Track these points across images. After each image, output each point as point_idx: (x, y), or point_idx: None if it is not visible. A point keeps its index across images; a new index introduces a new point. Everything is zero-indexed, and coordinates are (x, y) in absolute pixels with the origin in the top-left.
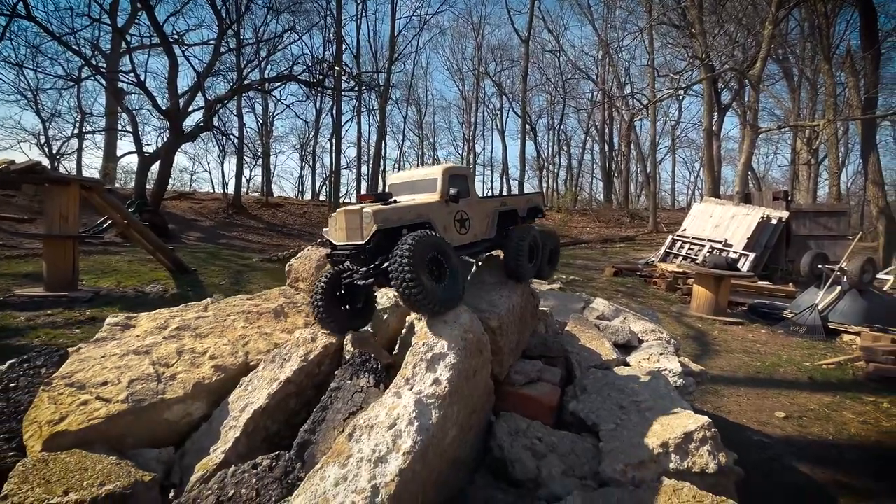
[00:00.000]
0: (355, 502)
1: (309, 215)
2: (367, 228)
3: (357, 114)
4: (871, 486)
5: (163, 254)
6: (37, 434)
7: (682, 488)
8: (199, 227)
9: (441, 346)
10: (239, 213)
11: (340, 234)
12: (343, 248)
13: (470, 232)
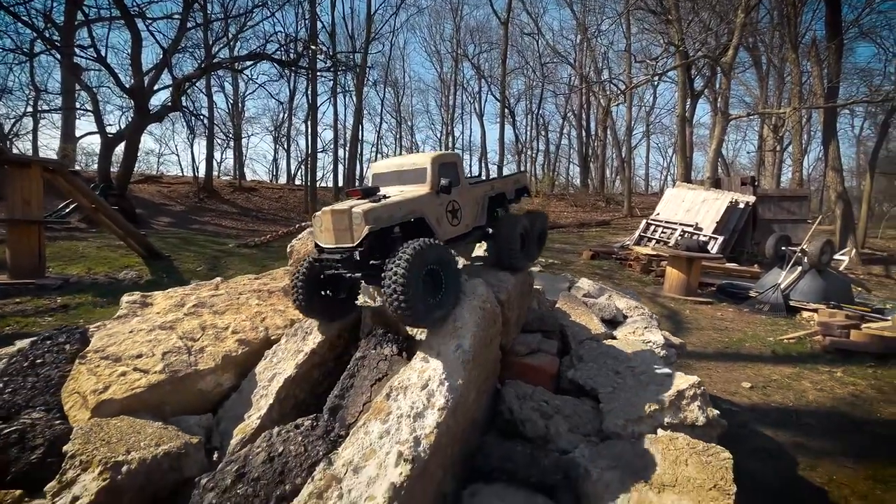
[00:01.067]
0: (401, 451)
1: (284, 200)
2: (358, 230)
3: (333, 95)
4: (826, 447)
5: (134, 239)
6: (78, 404)
7: (676, 438)
8: (168, 211)
9: (463, 317)
10: (211, 197)
11: (328, 237)
12: (332, 252)
13: (462, 222)
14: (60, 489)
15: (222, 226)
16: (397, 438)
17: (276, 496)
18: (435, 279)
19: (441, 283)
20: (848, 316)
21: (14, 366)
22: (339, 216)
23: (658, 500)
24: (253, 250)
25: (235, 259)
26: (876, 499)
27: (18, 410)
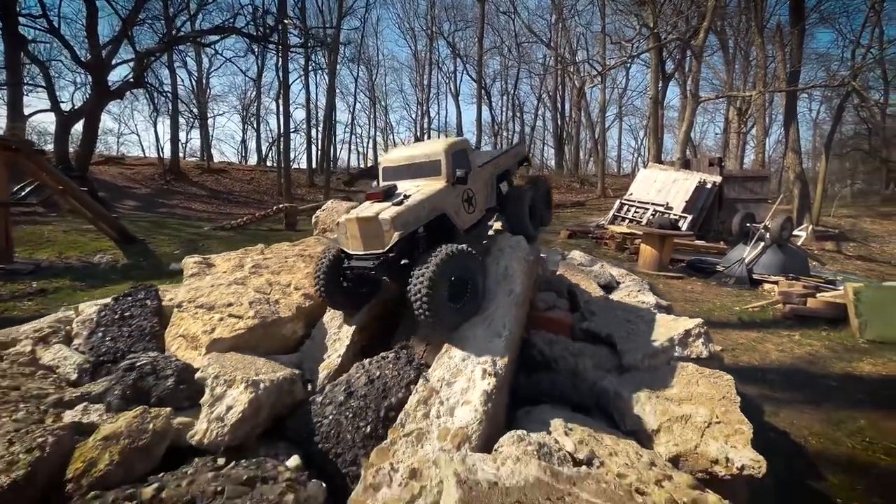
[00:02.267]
0: (484, 369)
1: (256, 182)
2: (388, 236)
3: (305, 73)
4: (787, 397)
5: (105, 222)
6: (184, 345)
7: (687, 366)
8: (133, 194)
9: (512, 266)
10: (178, 179)
11: (355, 243)
12: (362, 258)
13: (476, 208)
14: (214, 401)
15: (192, 209)
16: (477, 360)
17: (385, 406)
18: (460, 285)
19: (467, 289)
20: (805, 286)
21: (105, 319)
22: (366, 224)
23: (679, 409)
24: (230, 233)
25: (213, 242)
26: (828, 436)
27: (123, 355)
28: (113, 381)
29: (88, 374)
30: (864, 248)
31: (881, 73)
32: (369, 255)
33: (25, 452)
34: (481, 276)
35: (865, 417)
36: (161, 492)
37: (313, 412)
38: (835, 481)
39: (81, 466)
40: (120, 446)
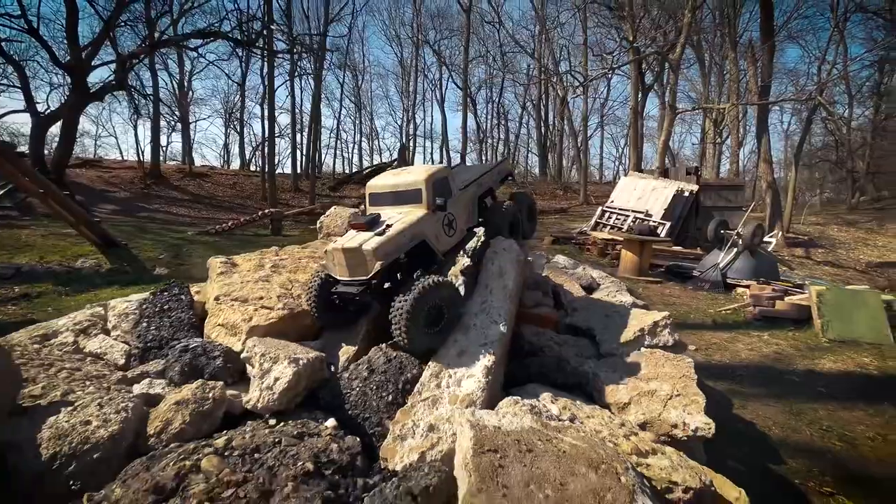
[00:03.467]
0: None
1: (240, 186)
2: (371, 265)
3: (291, 79)
4: (754, 391)
5: (87, 227)
6: (224, 332)
7: (655, 352)
8: (112, 198)
9: (506, 266)
10: (158, 183)
11: (342, 270)
12: (348, 284)
13: (457, 231)
14: (263, 374)
15: (173, 213)
16: (480, 341)
17: (402, 380)
18: (437, 313)
19: (443, 316)
20: (774, 290)
21: (147, 311)
22: (351, 254)
23: (646, 386)
24: (215, 238)
25: (198, 247)
26: (790, 426)
27: (167, 342)
28: (171, 360)
29: (137, 359)
30: (831, 254)
31: (845, 88)
32: (354, 282)
33: (115, 413)
34: (457, 302)
35: (823, 408)
36: (231, 442)
37: (342, 385)
38: (794, 465)
39: (160, 425)
40: (189, 409)
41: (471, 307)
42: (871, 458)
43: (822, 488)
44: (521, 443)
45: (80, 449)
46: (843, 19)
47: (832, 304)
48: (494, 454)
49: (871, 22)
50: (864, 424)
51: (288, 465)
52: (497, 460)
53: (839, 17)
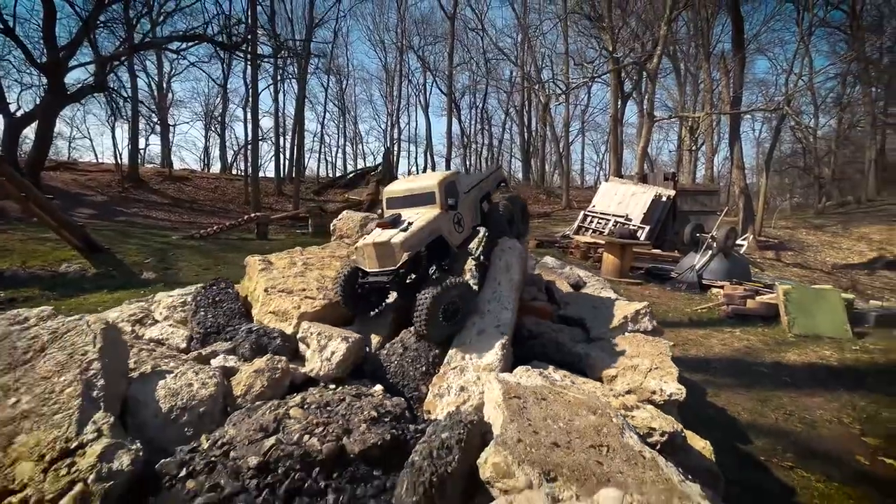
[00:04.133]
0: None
1: (222, 190)
2: (399, 256)
3: (274, 82)
4: (727, 382)
5: (70, 231)
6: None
7: (636, 335)
8: (88, 202)
9: (512, 261)
10: (137, 186)
11: (372, 263)
12: (377, 275)
13: (465, 228)
14: (321, 349)
15: (153, 217)
16: (494, 324)
17: (432, 355)
18: (453, 309)
19: (458, 311)
20: (746, 290)
21: (202, 302)
22: (381, 247)
23: (630, 362)
24: (200, 242)
25: (184, 251)
26: (757, 411)
27: (224, 328)
28: (239, 340)
29: (198, 342)
30: (800, 256)
31: (811, 98)
32: (383, 272)
33: (209, 378)
34: (470, 299)
35: (787, 396)
36: (305, 399)
37: (382, 360)
38: (760, 444)
39: (244, 388)
40: (265, 376)
41: (484, 296)
42: (828, 438)
43: (784, 463)
44: (536, 393)
45: (190, 404)
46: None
47: (797, 303)
48: (518, 399)
49: (834, 36)
50: (823, 409)
51: (357, 413)
52: (520, 403)
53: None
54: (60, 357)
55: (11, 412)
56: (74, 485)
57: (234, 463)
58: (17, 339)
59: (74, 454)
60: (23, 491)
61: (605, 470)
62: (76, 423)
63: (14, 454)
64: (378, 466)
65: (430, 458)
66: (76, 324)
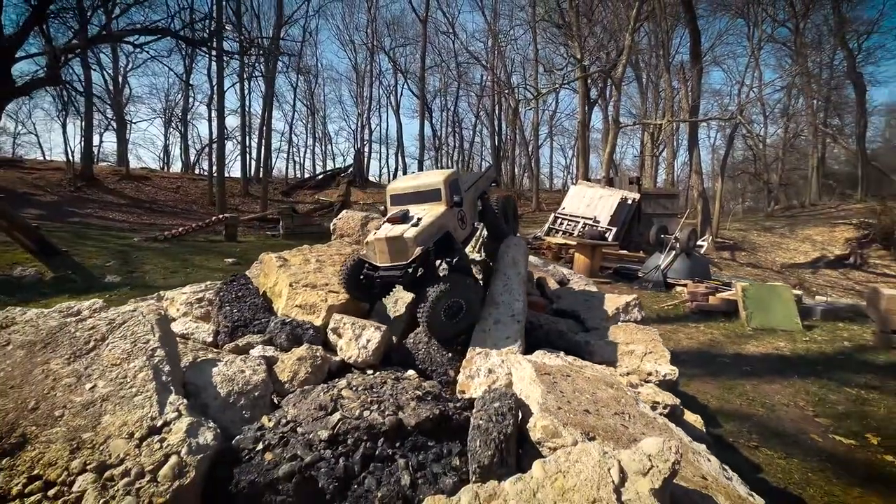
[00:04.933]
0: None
1: (184, 190)
2: (411, 251)
3: (241, 80)
4: (695, 372)
5: (23, 233)
6: (301, 312)
7: (629, 325)
8: (36, 202)
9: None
10: (91, 186)
11: (384, 258)
12: (388, 269)
13: (467, 224)
14: (356, 337)
15: (110, 219)
16: (509, 313)
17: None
18: (457, 307)
19: (462, 310)
20: (707, 287)
21: (226, 297)
22: (393, 242)
23: (626, 348)
24: (164, 244)
25: (147, 253)
26: (723, 398)
27: (250, 321)
28: (275, 331)
29: (226, 336)
30: (752, 256)
31: (761, 108)
32: (395, 267)
33: (257, 366)
34: (473, 297)
35: (749, 383)
36: (351, 382)
37: (410, 348)
38: (728, 427)
39: (290, 374)
40: (308, 364)
41: (496, 288)
42: (786, 419)
43: (749, 443)
44: (560, 372)
45: (245, 388)
46: (758, 48)
47: (754, 298)
48: (548, 375)
49: (781, 51)
50: (780, 394)
51: (402, 393)
52: (551, 379)
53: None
54: (124, 345)
55: (90, 396)
56: (169, 457)
57: (304, 437)
58: (75, 329)
59: (161, 431)
60: (122, 465)
61: (630, 431)
62: (157, 404)
63: (105, 433)
64: (431, 437)
65: (492, 422)
66: (132, 315)
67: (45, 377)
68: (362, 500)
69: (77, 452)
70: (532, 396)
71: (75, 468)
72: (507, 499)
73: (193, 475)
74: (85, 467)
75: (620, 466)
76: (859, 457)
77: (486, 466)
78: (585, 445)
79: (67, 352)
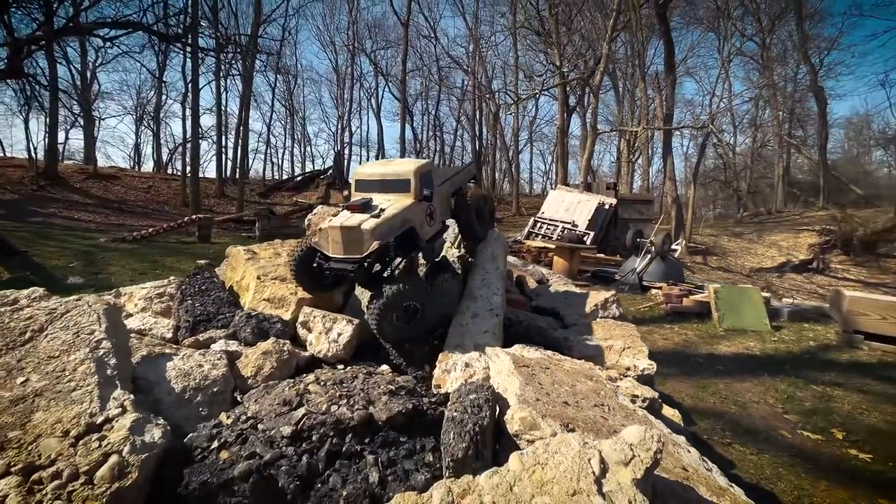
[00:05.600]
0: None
1: (156, 190)
2: (367, 244)
3: (217, 78)
4: (670, 371)
5: None
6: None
7: (607, 321)
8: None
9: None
10: (55, 184)
11: (336, 248)
12: (340, 262)
13: (436, 221)
14: (327, 331)
15: (75, 219)
16: (486, 307)
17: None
18: (412, 309)
19: (417, 313)
20: (681, 290)
21: (188, 291)
22: (348, 232)
23: (605, 343)
24: (133, 245)
25: (115, 254)
26: (698, 396)
27: (213, 316)
28: (240, 325)
29: (188, 331)
30: (723, 260)
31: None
32: (348, 260)
33: (217, 360)
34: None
35: (722, 382)
36: (319, 377)
37: (382, 343)
38: (702, 425)
39: (254, 369)
40: (273, 358)
41: (474, 282)
42: (757, 416)
43: (723, 440)
44: (539, 364)
45: (203, 384)
46: (728, 60)
47: (726, 300)
48: (527, 368)
49: (749, 65)
50: (751, 392)
51: (374, 388)
52: (530, 371)
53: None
54: (65, 336)
55: (22, 390)
56: (109, 457)
57: (265, 434)
58: (9, 319)
59: (101, 429)
60: (52, 466)
61: (610, 423)
62: (98, 399)
63: (35, 431)
64: (403, 433)
65: (468, 413)
66: (76, 304)
67: None
68: (326, 499)
69: (1, 453)
70: (510, 389)
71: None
72: (481, 493)
73: (136, 476)
74: (9, 469)
75: (601, 457)
76: (826, 451)
77: (461, 460)
78: (565, 436)
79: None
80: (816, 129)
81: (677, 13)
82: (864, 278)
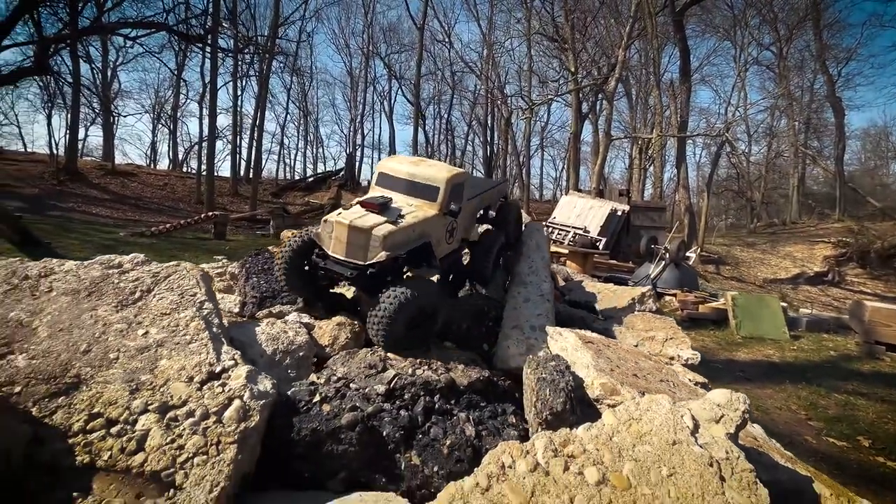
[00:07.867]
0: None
1: (171, 188)
2: (374, 252)
3: (234, 79)
4: None
5: (5, 222)
6: None
7: (645, 314)
8: (17, 194)
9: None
10: (74, 180)
11: (338, 247)
12: (339, 264)
13: (455, 239)
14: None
15: (92, 213)
16: (538, 293)
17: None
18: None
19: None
20: (697, 296)
21: (251, 270)
22: (356, 233)
23: (646, 334)
24: (151, 240)
25: (133, 248)
26: None
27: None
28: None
29: (255, 306)
30: (736, 270)
31: (745, 128)
32: (348, 264)
33: (299, 327)
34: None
35: (742, 388)
36: None
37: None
38: None
39: (330, 339)
40: (347, 329)
41: (522, 269)
42: (780, 422)
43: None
44: (600, 342)
45: (290, 348)
46: (744, 69)
47: (743, 308)
48: (592, 344)
49: (765, 74)
50: (773, 399)
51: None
52: (595, 347)
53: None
54: (172, 297)
55: (144, 341)
56: (232, 401)
57: (359, 392)
58: (118, 280)
59: (220, 377)
60: (185, 406)
61: (679, 396)
62: (213, 351)
63: (164, 376)
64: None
65: (556, 373)
66: (175, 269)
67: (94, 322)
68: (429, 448)
69: (137, 393)
70: (580, 361)
71: (137, 408)
72: (582, 443)
73: (258, 419)
74: (147, 407)
75: (692, 415)
76: (852, 458)
77: (559, 413)
78: (654, 396)
79: (114, 300)
80: (833, 140)
81: (693, 21)
82: (881, 291)
